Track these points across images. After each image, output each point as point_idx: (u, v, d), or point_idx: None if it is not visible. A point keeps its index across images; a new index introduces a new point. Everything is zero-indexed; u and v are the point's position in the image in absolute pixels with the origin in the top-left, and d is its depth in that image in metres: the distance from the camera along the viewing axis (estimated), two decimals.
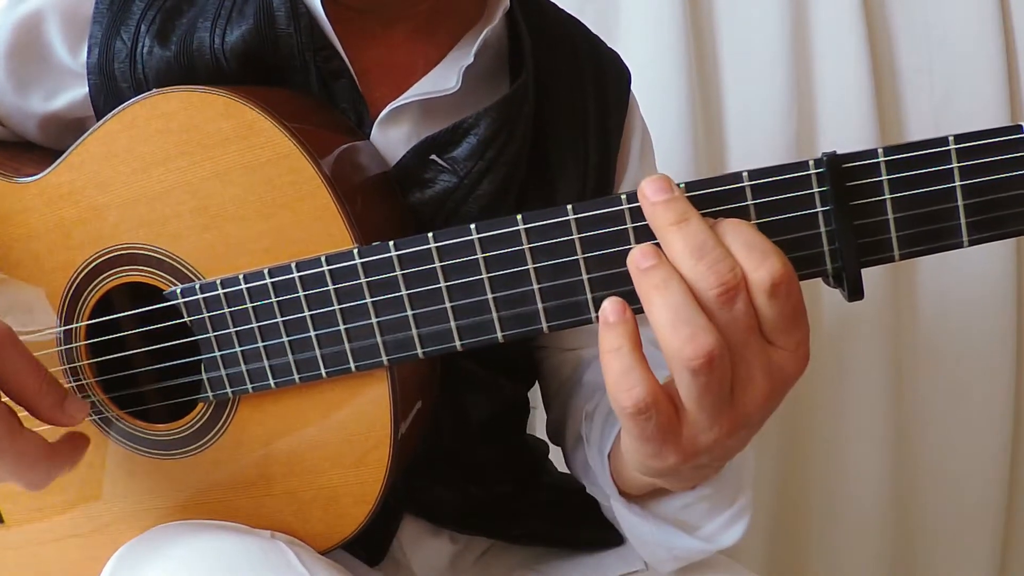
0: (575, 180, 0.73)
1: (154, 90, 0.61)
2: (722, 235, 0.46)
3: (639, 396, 0.46)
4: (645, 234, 0.49)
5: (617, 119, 0.78)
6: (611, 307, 0.47)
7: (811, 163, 0.47)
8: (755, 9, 1.28)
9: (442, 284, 0.53)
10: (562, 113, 0.74)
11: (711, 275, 0.45)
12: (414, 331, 0.55)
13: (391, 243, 0.53)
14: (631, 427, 0.48)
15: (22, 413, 0.54)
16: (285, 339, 0.58)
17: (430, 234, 0.52)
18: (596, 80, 0.77)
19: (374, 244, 0.54)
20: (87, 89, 0.68)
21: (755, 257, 0.46)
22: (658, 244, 0.47)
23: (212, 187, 0.59)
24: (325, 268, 0.55)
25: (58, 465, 0.55)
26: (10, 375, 0.53)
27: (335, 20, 0.65)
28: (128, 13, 0.66)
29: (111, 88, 0.66)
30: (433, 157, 0.67)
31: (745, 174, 0.48)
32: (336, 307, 0.56)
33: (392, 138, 0.68)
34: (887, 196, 0.47)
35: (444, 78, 0.68)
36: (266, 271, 0.57)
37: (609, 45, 0.82)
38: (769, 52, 1.28)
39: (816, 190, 0.47)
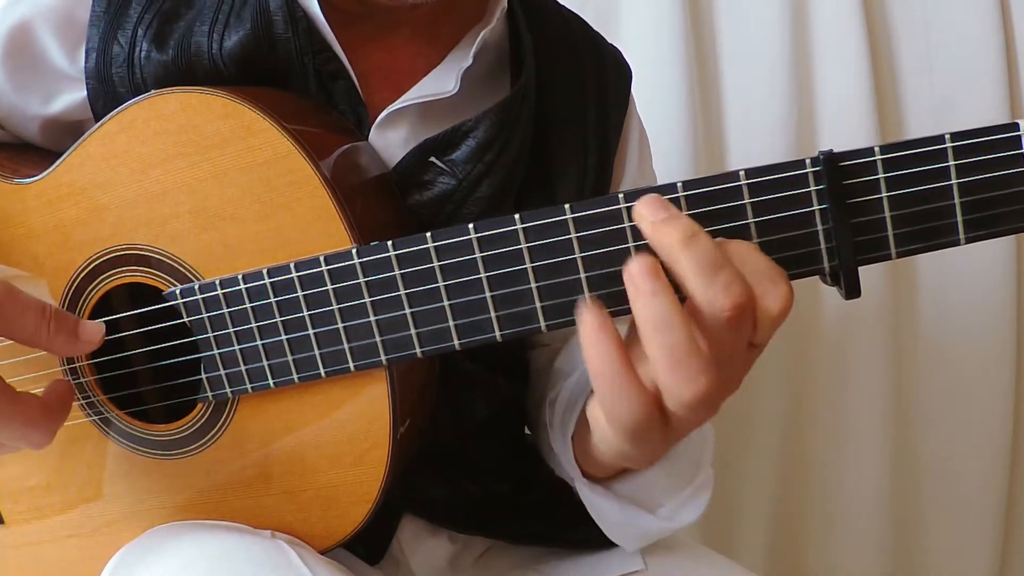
0: (574, 180, 0.73)
1: (153, 91, 0.61)
2: (731, 256, 0.46)
3: (636, 416, 0.46)
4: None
5: (617, 118, 0.77)
6: (591, 319, 0.46)
7: (808, 161, 0.47)
8: (755, 9, 1.28)
9: (440, 283, 0.53)
10: (562, 112, 0.74)
11: (725, 298, 0.44)
12: (412, 330, 0.55)
13: (389, 243, 0.53)
14: (623, 435, 0.49)
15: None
16: (284, 339, 0.58)
17: (428, 234, 0.52)
18: (597, 78, 0.77)
19: (372, 244, 0.54)
20: (85, 93, 0.68)
21: (765, 283, 0.46)
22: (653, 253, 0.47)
23: (211, 188, 0.60)
24: (324, 268, 0.55)
25: (56, 417, 0.56)
26: (18, 324, 0.54)
27: (334, 23, 0.65)
28: (125, 17, 0.66)
29: (109, 92, 0.66)
30: (432, 159, 0.67)
31: (742, 173, 0.48)
32: (335, 307, 0.56)
33: (390, 140, 0.68)
34: (884, 194, 0.47)
35: (443, 81, 0.68)
36: (265, 271, 0.57)
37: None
38: (769, 52, 1.28)
39: (813, 188, 0.48)
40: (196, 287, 0.60)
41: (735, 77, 1.31)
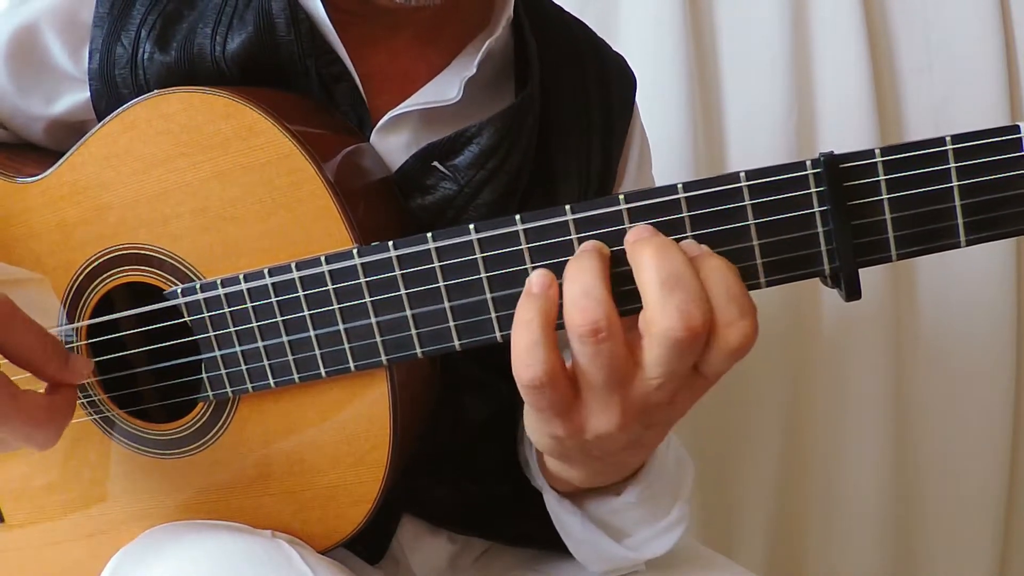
0: (576, 186, 0.73)
1: (155, 91, 0.61)
2: (707, 272, 0.46)
3: (536, 374, 0.47)
4: None
5: (621, 125, 0.77)
6: (537, 279, 0.47)
7: (808, 163, 0.47)
8: (755, 10, 1.28)
9: (441, 284, 0.53)
10: (566, 119, 0.74)
11: (678, 318, 0.44)
12: (413, 331, 0.55)
13: (390, 243, 0.53)
14: (525, 396, 0.49)
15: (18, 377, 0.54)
16: (285, 339, 0.58)
17: (429, 234, 0.52)
18: (600, 84, 0.77)
19: (373, 244, 0.54)
20: (88, 94, 0.68)
21: (733, 312, 0.45)
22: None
23: (212, 188, 0.60)
24: (325, 268, 0.55)
25: (61, 418, 0.56)
26: (16, 343, 0.53)
27: (336, 25, 0.65)
28: (128, 18, 0.66)
29: (112, 93, 0.67)
30: (435, 164, 0.67)
31: (743, 174, 0.48)
32: (335, 307, 0.56)
33: (392, 145, 0.68)
34: (884, 196, 0.47)
35: (445, 88, 0.68)
36: (266, 271, 0.57)
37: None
38: (769, 52, 1.28)
39: (813, 190, 0.48)
40: (197, 286, 0.60)
41: (735, 77, 1.31)
